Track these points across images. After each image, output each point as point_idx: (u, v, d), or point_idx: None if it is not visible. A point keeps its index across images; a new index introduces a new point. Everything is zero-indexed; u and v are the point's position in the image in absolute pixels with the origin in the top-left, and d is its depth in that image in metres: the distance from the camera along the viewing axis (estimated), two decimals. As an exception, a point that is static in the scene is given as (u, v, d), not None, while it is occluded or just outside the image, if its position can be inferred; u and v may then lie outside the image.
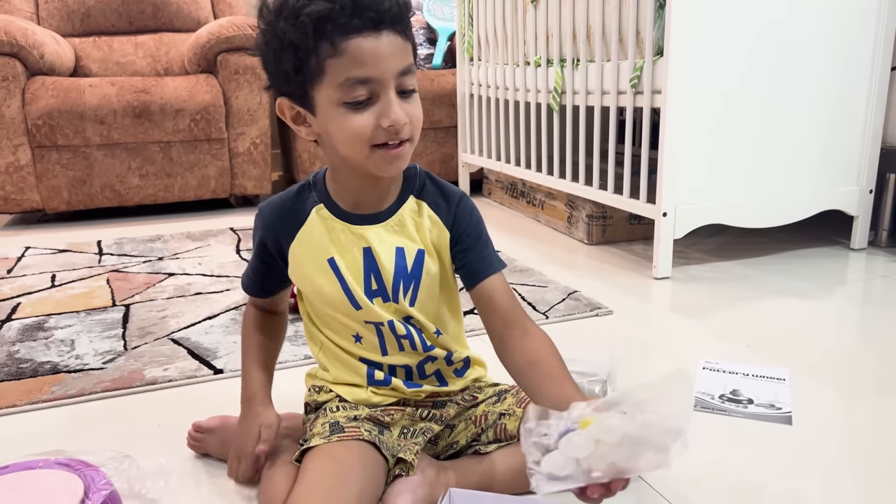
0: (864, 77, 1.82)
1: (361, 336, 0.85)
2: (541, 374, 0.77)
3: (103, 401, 1.16)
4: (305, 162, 2.78)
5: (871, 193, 1.91)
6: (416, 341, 0.85)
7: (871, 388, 1.18)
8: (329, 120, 0.74)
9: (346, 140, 0.74)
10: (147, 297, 1.66)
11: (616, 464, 0.58)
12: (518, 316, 0.82)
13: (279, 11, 0.72)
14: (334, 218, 0.83)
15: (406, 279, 0.83)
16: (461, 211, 0.85)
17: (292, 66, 0.73)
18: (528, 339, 0.80)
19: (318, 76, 0.72)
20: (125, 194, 2.57)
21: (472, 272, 0.84)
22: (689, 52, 1.63)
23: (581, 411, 0.61)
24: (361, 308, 0.83)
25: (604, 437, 0.58)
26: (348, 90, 0.72)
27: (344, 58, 0.70)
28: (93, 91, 2.45)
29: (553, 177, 2.22)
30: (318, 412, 0.87)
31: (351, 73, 0.71)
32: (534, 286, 1.68)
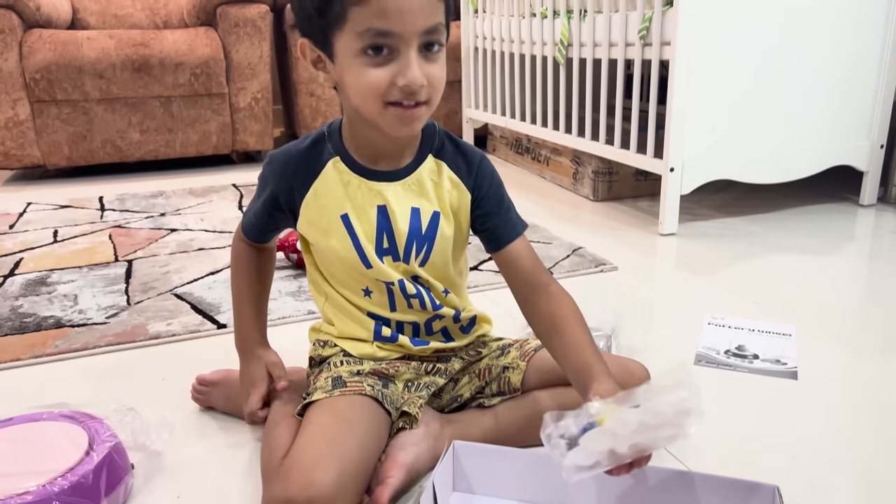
0: (877, 31, 1.77)
1: (371, 291, 0.84)
2: (562, 342, 0.77)
3: (107, 355, 1.16)
4: (307, 118, 2.75)
5: (882, 149, 1.88)
6: (425, 300, 0.84)
7: (877, 344, 1.18)
8: (346, 69, 0.72)
9: (359, 92, 0.72)
10: (150, 253, 1.65)
11: (638, 444, 0.62)
12: (542, 279, 0.82)
13: None
14: (350, 172, 0.81)
15: (419, 240, 0.82)
16: (482, 173, 0.83)
17: (315, 7, 0.70)
18: (553, 303, 0.80)
19: (339, 22, 0.69)
20: (126, 150, 2.54)
21: (495, 237, 0.83)
22: (699, 3, 1.58)
23: (598, 408, 0.64)
24: (372, 267, 0.81)
25: (620, 431, 0.61)
26: (368, 41, 0.69)
27: (367, 7, 0.67)
28: (91, 44, 2.41)
29: (559, 132, 2.19)
30: (321, 366, 0.87)
31: (372, 24, 0.68)
32: (538, 242, 1.67)
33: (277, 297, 1.36)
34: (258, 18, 2.55)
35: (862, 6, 1.73)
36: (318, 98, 2.73)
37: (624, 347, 1.12)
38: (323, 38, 0.72)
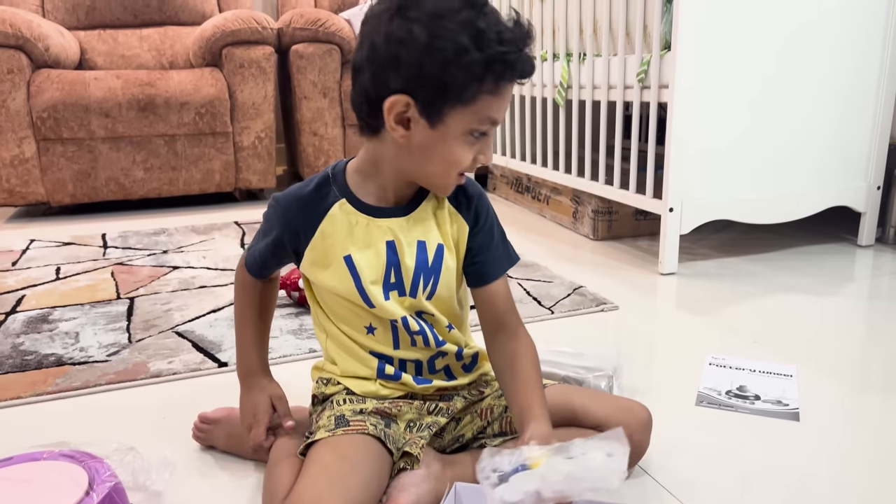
0: (872, 73, 1.81)
1: (375, 328, 0.85)
2: (514, 380, 0.82)
3: (107, 393, 1.16)
4: (310, 156, 2.78)
5: (878, 190, 1.90)
6: (428, 337, 0.85)
7: (879, 385, 1.17)
8: (444, 139, 0.75)
9: (448, 162, 0.77)
10: (151, 290, 1.66)
11: (562, 492, 0.66)
12: (513, 320, 0.86)
13: (464, 26, 0.70)
14: (358, 213, 0.82)
15: (426, 273, 0.83)
16: (481, 207, 0.86)
17: (453, 80, 0.71)
18: (516, 344, 0.85)
19: (466, 102, 0.72)
20: (130, 187, 2.57)
21: (480, 273, 0.86)
22: (696, 47, 1.61)
23: (532, 452, 0.69)
24: (374, 307, 0.82)
25: (550, 477, 0.66)
26: (481, 125, 0.75)
27: (495, 98, 0.74)
28: (98, 84, 2.45)
29: (559, 172, 2.22)
30: (324, 404, 0.87)
31: (492, 113, 0.75)
32: (539, 281, 1.67)
33: (279, 335, 1.36)
34: (263, 59, 2.60)
35: (857, 49, 1.77)
36: (321, 137, 2.76)
37: (625, 388, 1.12)
38: (438, 105, 0.73)
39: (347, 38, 2.71)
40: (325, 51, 2.68)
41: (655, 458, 0.92)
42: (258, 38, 2.57)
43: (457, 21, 0.70)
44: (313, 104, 2.72)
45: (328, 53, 2.68)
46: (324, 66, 2.69)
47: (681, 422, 1.04)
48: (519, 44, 0.73)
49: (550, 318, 1.46)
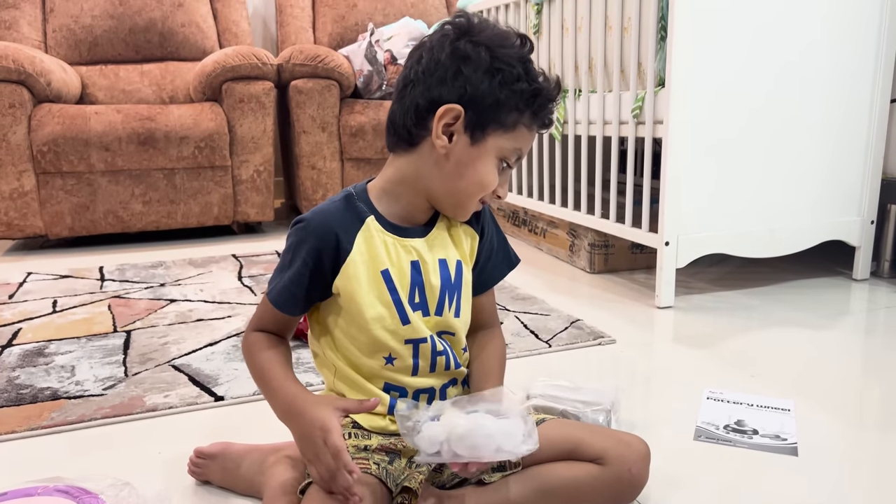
0: (864, 109, 1.83)
1: (395, 358, 0.84)
2: (479, 368, 0.91)
3: (103, 427, 1.15)
4: (308, 189, 2.79)
5: (872, 224, 1.91)
6: (450, 359, 0.88)
7: (876, 420, 1.17)
8: (482, 158, 0.81)
9: (478, 182, 0.82)
10: (148, 324, 1.66)
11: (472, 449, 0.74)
12: (493, 321, 0.97)
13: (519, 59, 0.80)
14: (384, 231, 0.84)
15: (451, 290, 0.87)
16: (486, 218, 0.93)
17: (504, 102, 0.79)
18: (488, 339, 0.95)
19: (506, 128, 0.80)
20: (128, 220, 2.57)
21: (482, 282, 0.93)
22: (690, 84, 1.64)
23: (443, 406, 0.79)
24: (410, 323, 0.83)
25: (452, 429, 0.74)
26: (511, 154, 0.82)
27: (529, 132, 0.82)
28: (98, 118, 2.47)
29: (555, 205, 2.23)
30: None
31: (520, 145, 0.82)
32: (536, 314, 1.67)
33: (276, 369, 1.35)
34: (262, 94, 2.63)
35: (848, 83, 1.80)
36: (319, 171, 2.78)
37: (624, 422, 1.12)
38: (483, 124, 0.80)
39: (346, 74, 2.74)
40: (324, 86, 2.71)
41: (654, 493, 0.91)
42: (258, 73, 2.61)
43: (514, 52, 0.80)
44: (312, 138, 2.75)
45: (327, 89, 2.72)
46: (322, 101, 2.72)
47: (679, 456, 1.03)
48: (555, 90, 0.82)
49: (548, 351, 1.46)
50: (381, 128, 2.77)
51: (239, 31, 3.12)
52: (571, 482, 0.82)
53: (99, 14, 2.90)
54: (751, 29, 1.67)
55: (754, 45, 1.68)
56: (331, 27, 3.21)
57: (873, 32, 1.79)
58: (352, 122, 2.77)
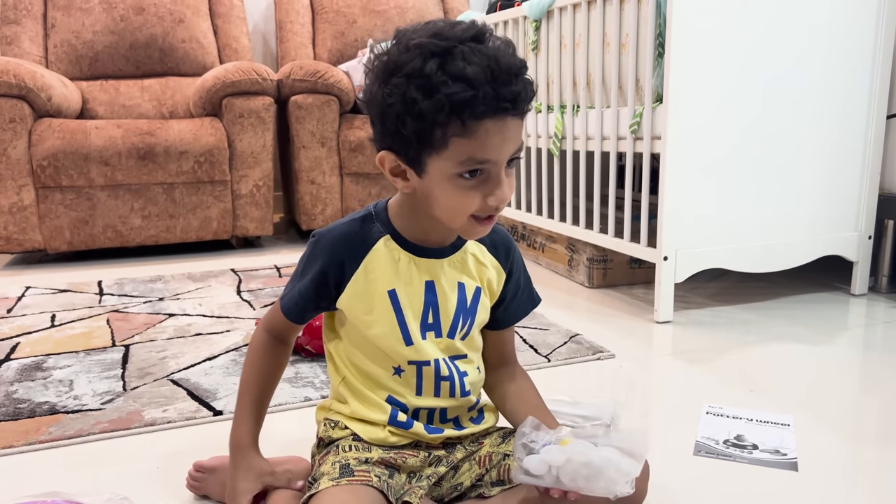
0: (861, 125, 1.85)
1: (403, 370, 0.85)
2: (527, 406, 0.91)
3: (101, 442, 1.14)
4: (308, 204, 2.80)
5: (869, 239, 1.92)
6: (455, 385, 0.87)
7: (876, 434, 1.17)
8: (436, 186, 0.75)
9: (447, 208, 0.77)
10: (147, 338, 1.65)
11: (576, 481, 0.75)
12: (513, 358, 0.97)
13: (411, 77, 0.70)
14: (401, 249, 0.84)
15: (465, 314, 0.86)
16: (515, 258, 0.92)
17: (413, 132, 0.72)
18: (518, 375, 0.96)
19: (439, 148, 0.72)
20: (127, 235, 2.58)
21: (502, 320, 0.93)
22: (688, 99, 1.65)
23: (564, 434, 0.79)
24: (413, 344, 0.83)
25: (574, 457, 0.75)
26: (467, 167, 0.73)
27: (472, 139, 0.71)
28: (98, 133, 2.48)
29: (554, 220, 2.24)
30: (329, 448, 0.86)
31: (475, 154, 0.72)
32: (535, 329, 1.68)
33: (274, 384, 1.35)
34: (262, 110, 2.64)
35: (846, 100, 1.81)
36: (319, 185, 2.79)
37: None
38: (415, 156, 0.74)
39: (346, 90, 2.76)
40: (323, 101, 2.72)
41: (654, 509, 0.91)
42: (258, 88, 2.62)
43: (405, 73, 0.70)
44: (311, 153, 2.76)
45: (327, 104, 2.73)
46: (322, 116, 2.73)
47: (679, 471, 1.03)
48: (480, 80, 0.69)
49: (547, 366, 1.46)
50: (381, 143, 2.78)
51: (239, 47, 3.14)
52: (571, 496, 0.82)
53: (100, 30, 2.92)
54: (747, 45, 1.68)
55: (751, 61, 1.70)
56: (330, 43, 3.23)
57: (868, 48, 1.81)
58: (351, 138, 2.78)
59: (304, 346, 1.49)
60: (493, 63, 0.70)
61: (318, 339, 1.47)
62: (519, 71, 0.72)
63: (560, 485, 0.76)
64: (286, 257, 2.64)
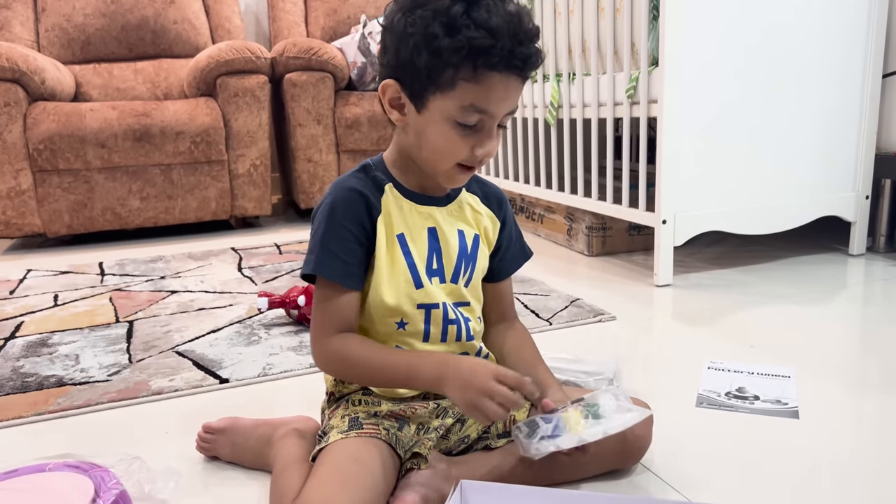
0: (856, 84, 1.85)
1: (407, 322, 0.85)
2: (524, 360, 0.91)
3: (110, 411, 1.16)
4: (305, 183, 2.80)
5: (867, 199, 1.93)
6: (462, 329, 0.88)
7: (875, 384, 1.18)
8: (431, 125, 0.78)
9: (436, 150, 0.79)
10: (151, 314, 1.66)
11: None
12: (512, 311, 0.99)
13: (437, 13, 0.72)
14: (402, 197, 0.85)
15: (467, 260, 0.88)
16: (507, 209, 0.95)
17: (426, 66, 0.74)
18: (516, 330, 0.97)
19: (445, 88, 0.74)
20: (126, 217, 2.58)
21: (498, 271, 0.94)
22: (684, 62, 1.65)
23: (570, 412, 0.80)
24: (423, 287, 0.84)
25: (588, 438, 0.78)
26: (467, 114, 0.75)
27: (478, 86, 0.74)
28: (93, 115, 2.48)
29: (552, 190, 2.24)
30: (339, 402, 0.88)
31: (477, 102, 0.75)
32: (536, 295, 1.68)
33: (279, 352, 1.36)
34: (257, 88, 2.63)
35: (842, 60, 1.81)
36: (316, 164, 2.78)
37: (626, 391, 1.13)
38: (419, 90, 0.76)
39: (340, 66, 2.75)
40: (318, 79, 2.72)
41: (658, 457, 0.93)
42: (252, 67, 2.61)
43: (431, 8, 0.73)
44: (307, 131, 2.75)
45: (321, 81, 2.72)
46: (317, 93, 2.73)
47: (682, 422, 1.04)
48: (502, 33, 0.71)
49: (549, 329, 1.47)
50: (377, 119, 2.78)
51: (232, 27, 3.12)
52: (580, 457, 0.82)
53: (91, 13, 2.90)
54: (742, 5, 1.68)
55: (746, 22, 1.69)
56: (323, 21, 3.21)
57: (864, 7, 1.80)
58: (347, 115, 2.78)
59: (307, 315, 1.50)
60: (515, 21, 0.73)
61: (321, 308, 1.48)
62: (535, 36, 0.76)
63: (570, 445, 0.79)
64: (286, 236, 2.65)
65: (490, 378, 0.74)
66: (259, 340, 1.44)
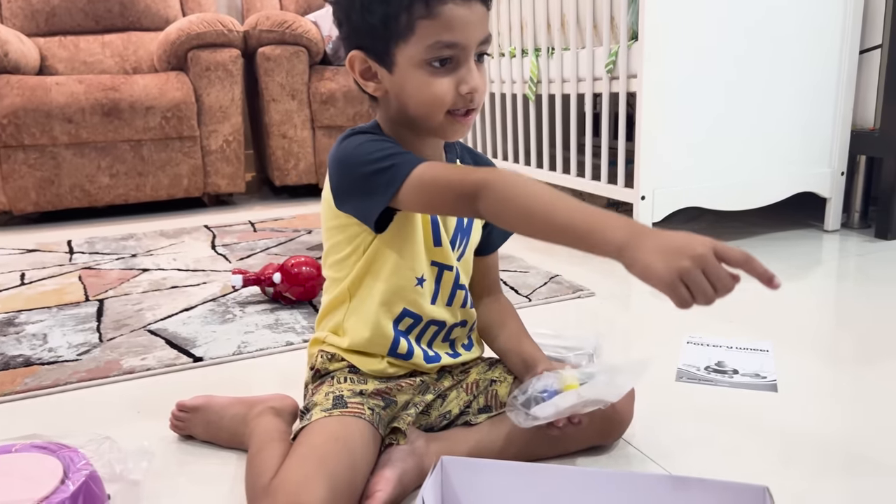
0: (833, 61, 1.85)
1: (425, 279, 0.84)
2: (509, 335, 0.92)
3: (79, 391, 1.12)
4: (280, 159, 2.75)
5: (842, 176, 1.94)
6: (468, 295, 0.89)
7: (851, 356, 1.19)
8: (407, 79, 0.75)
9: (423, 102, 0.76)
10: (121, 292, 1.62)
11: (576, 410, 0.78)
12: (498, 286, 0.99)
13: None
14: None
15: (462, 233, 0.87)
16: None
17: (380, 19, 0.73)
18: (502, 305, 0.96)
19: (405, 34, 0.73)
20: (95, 194, 2.51)
21: (487, 243, 0.93)
22: (663, 36, 1.64)
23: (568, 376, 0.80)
24: (440, 245, 0.84)
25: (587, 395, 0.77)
26: (434, 53, 0.73)
27: (437, 21, 0.72)
28: (60, 89, 2.40)
29: (531, 167, 2.23)
30: (323, 378, 0.85)
31: (441, 37, 0.72)
32: (515, 272, 1.67)
33: (254, 330, 1.34)
34: (229, 62, 2.57)
35: (819, 36, 1.81)
36: (291, 140, 2.74)
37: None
38: (383, 49, 0.75)
39: (315, 40, 2.69)
40: (292, 52, 2.66)
41: (639, 431, 0.92)
42: (224, 40, 2.55)
43: None
44: (282, 106, 2.70)
45: (296, 55, 2.67)
46: (291, 68, 2.67)
47: (662, 396, 1.04)
48: None
49: (528, 305, 1.46)
50: (352, 94, 2.73)
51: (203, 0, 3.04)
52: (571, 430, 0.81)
53: (56, -17, 2.80)
54: (722, -20, 1.67)
55: (726, -3, 1.68)
56: (297, -6, 3.14)
57: (842, -18, 1.80)
58: (322, 89, 2.73)
59: (283, 293, 1.47)
60: None
61: (297, 285, 1.45)
62: None
63: (562, 415, 0.78)
64: (260, 213, 2.61)
65: (710, 249, 0.60)
66: (234, 318, 1.41)
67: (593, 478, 0.74)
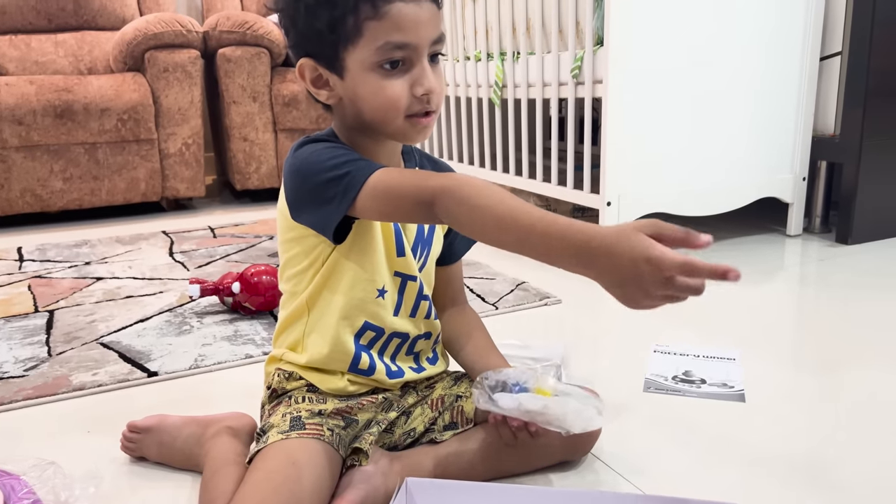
0: (795, 68, 1.86)
1: (386, 290, 0.81)
2: (475, 347, 0.90)
3: (25, 409, 1.07)
4: (241, 163, 2.69)
5: (804, 181, 1.96)
6: (431, 306, 0.86)
7: (815, 363, 1.20)
8: (359, 84, 0.72)
9: (378, 107, 0.73)
10: (73, 303, 1.56)
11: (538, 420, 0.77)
12: (462, 296, 0.97)
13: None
14: None
15: (422, 244, 0.85)
16: None
17: (327, 24, 0.70)
18: (467, 316, 0.95)
19: (353, 37, 0.70)
20: (47, 199, 2.43)
21: (450, 253, 0.91)
22: (628, 41, 1.63)
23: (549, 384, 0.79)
24: (404, 255, 0.82)
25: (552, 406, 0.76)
26: (385, 54, 0.71)
27: (384, 21, 0.69)
28: (9, 90, 2.31)
29: (497, 172, 2.21)
30: (280, 398, 0.82)
31: (391, 38, 0.70)
32: (482, 278, 1.65)
33: (212, 342, 1.29)
34: (188, 63, 2.51)
35: (780, 43, 1.82)
36: (252, 143, 2.68)
37: (573, 377, 1.11)
38: (332, 54, 0.72)
39: (276, 41, 2.64)
40: (253, 54, 2.60)
41: (607, 446, 0.90)
42: (183, 41, 2.48)
43: None
44: (243, 109, 2.64)
45: (257, 56, 2.61)
46: (252, 69, 2.62)
47: (630, 408, 1.03)
48: None
49: (495, 313, 1.44)
50: (315, 97, 2.68)
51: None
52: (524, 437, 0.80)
53: (6, -20, 2.71)
54: (686, -14, 1.67)
55: (691, 3, 1.68)
56: (259, -6, 3.08)
57: (803, -10, 1.82)
58: (284, 92, 2.68)
59: (242, 303, 1.43)
60: None
61: (257, 295, 1.41)
62: None
63: (523, 418, 0.77)
64: (221, 218, 2.54)
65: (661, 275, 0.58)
66: (191, 330, 1.37)
67: (564, 498, 0.72)
